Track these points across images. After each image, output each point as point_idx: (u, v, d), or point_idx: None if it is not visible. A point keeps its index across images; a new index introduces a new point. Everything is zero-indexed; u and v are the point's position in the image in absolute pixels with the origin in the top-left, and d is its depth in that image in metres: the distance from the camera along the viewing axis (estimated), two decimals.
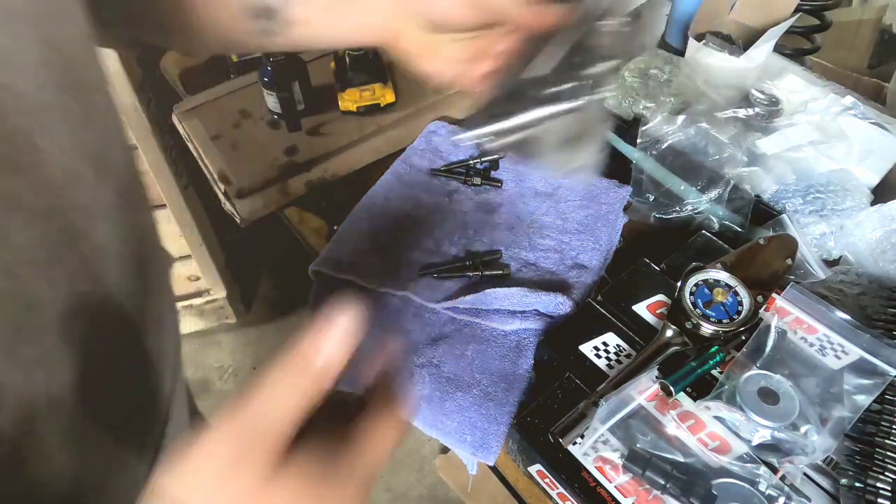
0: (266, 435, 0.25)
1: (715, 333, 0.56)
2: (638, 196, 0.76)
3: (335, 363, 0.27)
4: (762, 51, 0.86)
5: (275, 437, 0.25)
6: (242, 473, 0.25)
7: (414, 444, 1.56)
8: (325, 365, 0.27)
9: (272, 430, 0.25)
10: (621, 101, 0.86)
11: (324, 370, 0.27)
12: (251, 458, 0.25)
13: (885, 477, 0.48)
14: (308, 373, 0.26)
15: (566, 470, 0.51)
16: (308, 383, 0.26)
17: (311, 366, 0.26)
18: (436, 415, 0.59)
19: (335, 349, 0.27)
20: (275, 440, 0.25)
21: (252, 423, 0.25)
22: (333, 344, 0.27)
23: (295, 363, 0.26)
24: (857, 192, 0.71)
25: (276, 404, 0.26)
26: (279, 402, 0.26)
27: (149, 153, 1.24)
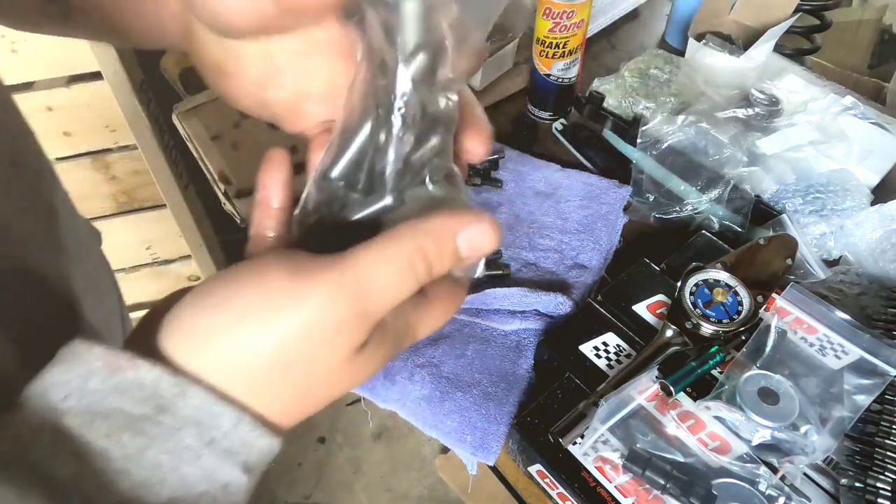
0: (375, 314, 0.24)
1: (715, 333, 0.56)
2: (638, 196, 0.76)
3: (473, 263, 0.26)
4: (762, 51, 0.86)
5: (380, 316, 0.24)
6: (339, 343, 0.23)
7: (414, 444, 1.56)
8: (465, 263, 0.26)
9: (381, 309, 0.24)
10: (621, 101, 0.86)
11: (451, 267, 0.25)
12: (352, 331, 0.23)
13: (885, 477, 0.48)
14: (440, 263, 0.25)
15: (566, 470, 0.51)
16: (431, 272, 0.25)
17: (446, 257, 0.25)
18: (436, 415, 0.59)
19: (480, 249, 0.26)
20: (378, 318, 0.24)
21: (364, 297, 0.23)
22: (483, 242, 0.26)
23: (433, 247, 0.25)
24: (857, 192, 0.72)
25: (393, 286, 0.24)
26: (396, 286, 0.24)
27: (149, 153, 1.24)
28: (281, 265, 0.23)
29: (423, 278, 0.24)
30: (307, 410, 0.25)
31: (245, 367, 0.22)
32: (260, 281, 0.23)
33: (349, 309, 0.23)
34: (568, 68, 0.83)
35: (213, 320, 0.23)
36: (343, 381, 0.25)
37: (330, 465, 1.54)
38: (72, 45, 1.04)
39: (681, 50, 0.94)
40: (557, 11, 0.77)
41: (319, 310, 0.22)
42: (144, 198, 1.34)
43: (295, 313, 0.22)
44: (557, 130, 0.87)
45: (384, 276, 0.23)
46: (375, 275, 0.23)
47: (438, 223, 0.25)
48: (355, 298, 0.23)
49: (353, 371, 0.25)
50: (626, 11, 1.05)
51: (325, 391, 0.25)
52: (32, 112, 1.10)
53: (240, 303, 0.23)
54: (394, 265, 0.24)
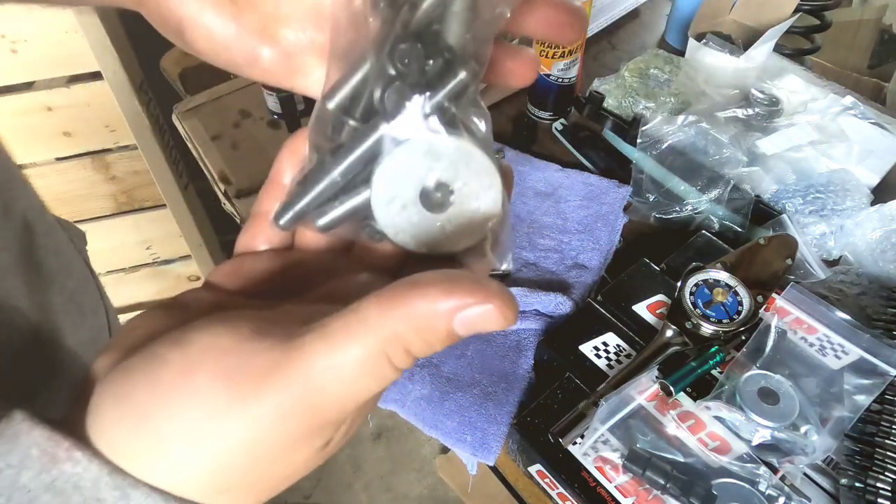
0: (338, 420, 0.20)
1: (715, 333, 0.56)
2: (638, 196, 0.76)
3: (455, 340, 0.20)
4: (762, 51, 0.86)
5: (345, 419, 0.20)
6: (295, 458, 0.20)
7: (414, 444, 1.56)
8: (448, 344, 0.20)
9: (345, 415, 0.20)
10: (621, 101, 0.86)
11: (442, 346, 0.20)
12: (310, 441, 0.20)
13: (885, 477, 0.48)
14: (426, 350, 0.19)
15: (566, 470, 0.51)
16: (414, 359, 0.20)
17: (434, 344, 0.19)
18: (436, 415, 0.59)
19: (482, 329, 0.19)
20: (344, 420, 0.20)
21: (321, 409, 0.19)
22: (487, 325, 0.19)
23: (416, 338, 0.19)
24: (857, 192, 0.72)
25: (360, 390, 0.19)
26: (364, 388, 0.19)
27: (149, 153, 1.24)
28: (213, 369, 0.19)
29: (405, 366, 0.20)
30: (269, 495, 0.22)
31: (184, 484, 0.19)
32: (190, 391, 0.19)
33: (303, 426, 0.19)
34: (568, 68, 0.83)
35: (140, 432, 0.19)
36: (303, 472, 0.21)
37: (330, 465, 1.54)
38: (72, 44, 1.04)
39: (681, 50, 0.94)
40: None
41: (268, 432, 0.19)
42: (144, 198, 1.34)
43: (237, 435, 0.19)
44: (557, 130, 0.87)
45: (347, 381, 0.19)
46: (335, 380, 0.18)
47: (424, 307, 0.18)
48: (310, 413, 0.19)
49: (315, 462, 0.21)
50: (626, 11, 1.05)
51: (286, 481, 0.21)
52: (32, 112, 1.10)
53: (169, 417, 0.19)
54: (360, 364, 0.18)
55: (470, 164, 0.23)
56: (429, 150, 0.22)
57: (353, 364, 0.18)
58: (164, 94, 1.21)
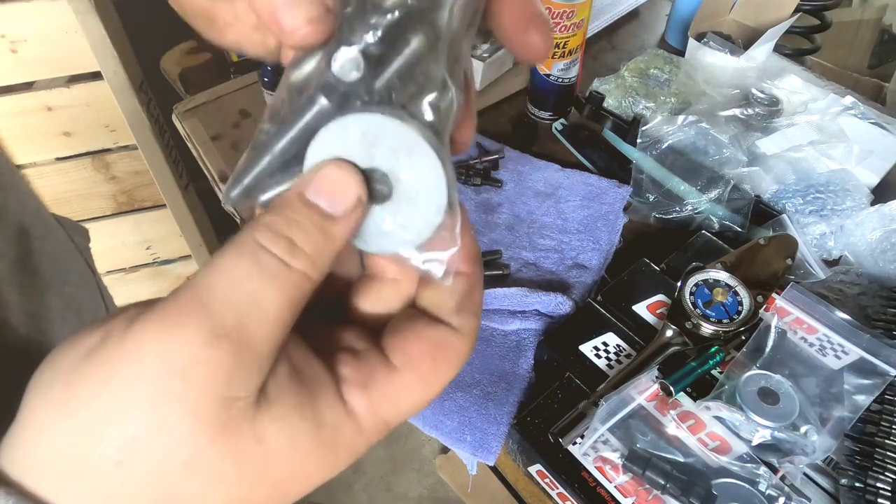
0: (236, 328, 0.17)
1: (715, 333, 0.56)
2: (638, 196, 0.76)
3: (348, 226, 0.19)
4: (762, 51, 0.86)
5: (252, 333, 0.17)
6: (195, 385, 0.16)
7: (414, 444, 1.56)
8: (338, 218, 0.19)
9: (240, 320, 0.17)
10: (621, 101, 0.86)
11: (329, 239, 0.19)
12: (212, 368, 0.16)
13: (885, 477, 0.48)
14: (299, 232, 0.19)
15: (566, 470, 0.51)
16: (298, 248, 0.18)
17: (301, 221, 0.19)
18: (436, 415, 0.59)
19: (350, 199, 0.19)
20: (245, 342, 0.17)
21: (211, 311, 0.17)
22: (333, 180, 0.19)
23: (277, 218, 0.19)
24: (857, 192, 0.71)
25: (243, 281, 0.17)
26: (245, 279, 0.17)
27: (149, 153, 1.24)
28: (122, 314, 0.18)
29: (289, 256, 0.18)
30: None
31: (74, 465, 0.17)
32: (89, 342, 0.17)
33: (193, 334, 0.16)
34: (568, 68, 0.83)
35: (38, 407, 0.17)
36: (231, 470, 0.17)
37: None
38: (72, 44, 1.04)
39: (681, 50, 0.94)
40: (557, 11, 0.77)
41: (154, 353, 0.16)
42: (144, 198, 1.34)
43: (122, 372, 0.16)
44: (557, 130, 0.87)
45: (228, 273, 0.17)
46: (215, 277, 0.17)
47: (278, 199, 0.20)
48: (197, 315, 0.17)
49: (242, 450, 0.17)
50: (626, 11, 1.05)
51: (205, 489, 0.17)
52: (32, 112, 1.10)
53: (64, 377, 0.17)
54: (235, 255, 0.18)
55: (413, 154, 0.19)
56: (366, 132, 0.19)
57: (228, 257, 0.18)
58: (164, 94, 1.21)
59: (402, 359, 0.20)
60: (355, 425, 0.20)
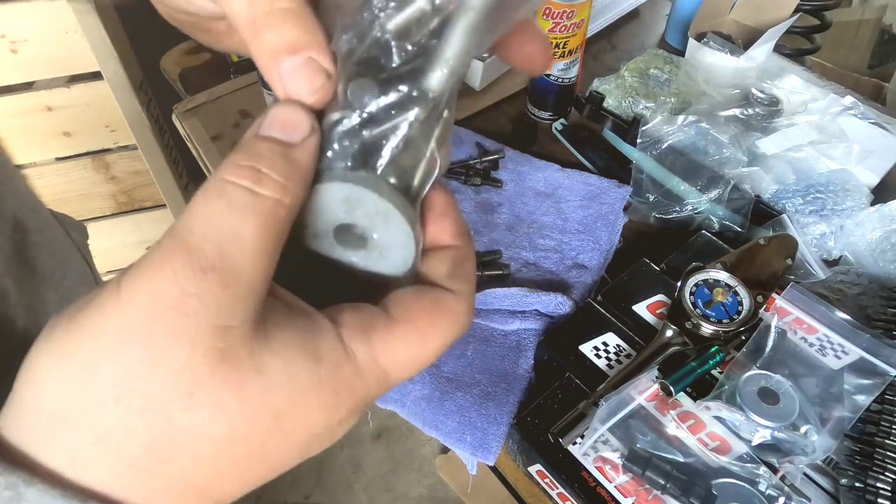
0: (218, 260, 0.17)
1: (715, 333, 0.56)
2: (638, 196, 0.76)
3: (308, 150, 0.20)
4: (762, 51, 0.86)
5: (230, 269, 0.17)
6: (189, 316, 0.17)
7: (414, 444, 1.56)
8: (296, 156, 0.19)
9: (222, 249, 0.17)
10: (621, 101, 0.86)
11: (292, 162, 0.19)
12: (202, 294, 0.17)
13: (885, 477, 0.48)
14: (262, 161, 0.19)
15: (566, 470, 0.51)
16: (265, 179, 0.19)
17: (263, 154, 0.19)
18: (436, 415, 0.59)
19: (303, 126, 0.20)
20: (231, 273, 0.17)
21: (193, 246, 0.17)
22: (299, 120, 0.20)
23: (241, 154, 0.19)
24: (857, 192, 0.72)
25: (219, 214, 0.18)
26: (222, 213, 0.18)
27: (149, 153, 1.24)
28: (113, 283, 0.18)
29: (256, 185, 0.18)
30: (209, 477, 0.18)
31: (72, 406, 0.17)
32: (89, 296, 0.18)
33: (180, 269, 0.17)
34: (568, 68, 0.83)
35: (34, 358, 0.17)
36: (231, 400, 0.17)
37: (330, 465, 1.54)
38: (72, 44, 1.04)
39: (681, 50, 0.94)
40: (557, 11, 0.77)
41: (146, 291, 0.17)
42: (144, 198, 1.34)
43: (118, 309, 0.17)
44: (557, 130, 0.87)
45: (202, 212, 0.18)
46: (192, 218, 0.18)
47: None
48: (182, 253, 0.17)
49: (241, 380, 0.18)
50: (626, 11, 1.05)
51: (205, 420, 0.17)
52: (32, 112, 1.10)
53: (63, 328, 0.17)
54: (205, 195, 0.18)
55: (389, 221, 0.21)
56: (348, 197, 0.21)
57: (199, 199, 0.18)
58: (164, 94, 1.21)
59: (401, 312, 0.21)
60: (354, 367, 0.20)
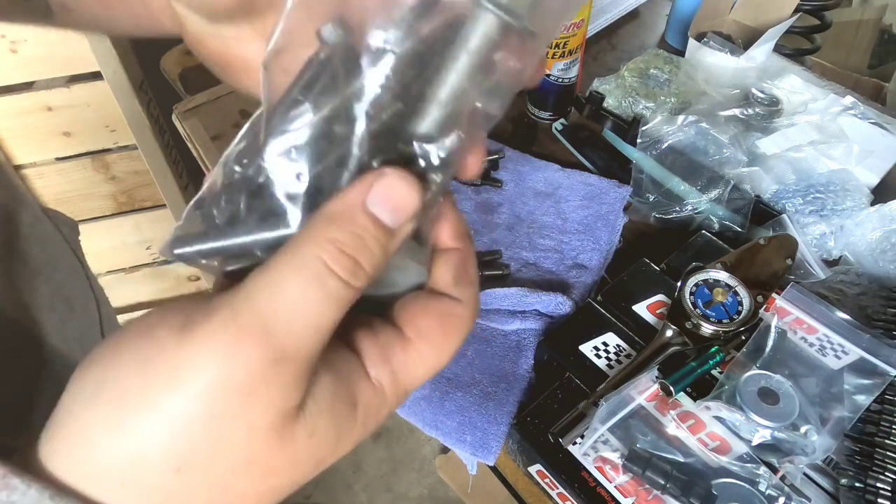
0: (297, 352, 0.18)
1: (715, 333, 0.56)
2: (638, 196, 0.76)
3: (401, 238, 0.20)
4: (762, 51, 0.86)
5: (308, 354, 0.18)
6: (256, 409, 0.17)
7: (414, 444, 1.56)
8: (400, 232, 0.20)
9: (303, 344, 0.18)
10: (621, 101, 0.86)
11: (386, 255, 0.19)
12: (270, 387, 0.17)
13: (885, 477, 0.48)
14: (364, 250, 0.19)
15: (566, 470, 0.51)
16: (361, 267, 0.19)
17: (367, 238, 0.19)
18: (436, 415, 0.59)
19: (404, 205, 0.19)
20: (307, 358, 0.18)
21: (273, 334, 0.17)
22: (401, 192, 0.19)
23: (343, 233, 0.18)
24: (857, 192, 0.71)
25: (310, 305, 0.18)
26: (313, 303, 0.18)
27: (149, 153, 1.24)
28: (170, 324, 0.18)
29: (353, 278, 0.19)
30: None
31: (132, 473, 0.17)
32: (137, 350, 0.18)
33: (256, 357, 0.17)
34: (568, 68, 0.83)
35: (88, 416, 0.17)
36: (279, 462, 0.19)
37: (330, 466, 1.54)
38: (72, 44, 1.04)
39: (681, 50, 0.94)
40: None
41: (215, 371, 0.17)
42: (144, 198, 1.34)
43: (182, 386, 0.17)
44: (557, 130, 0.87)
45: (293, 297, 0.18)
46: (280, 300, 0.17)
47: (336, 202, 0.19)
48: (261, 339, 0.17)
49: (295, 448, 0.19)
50: (626, 11, 1.05)
51: (254, 482, 0.18)
52: (32, 112, 1.10)
53: (115, 386, 0.17)
54: (301, 277, 0.18)
55: (405, 264, 0.22)
56: None
57: (293, 277, 0.18)
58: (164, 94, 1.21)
59: (414, 331, 0.22)
60: (383, 398, 0.21)
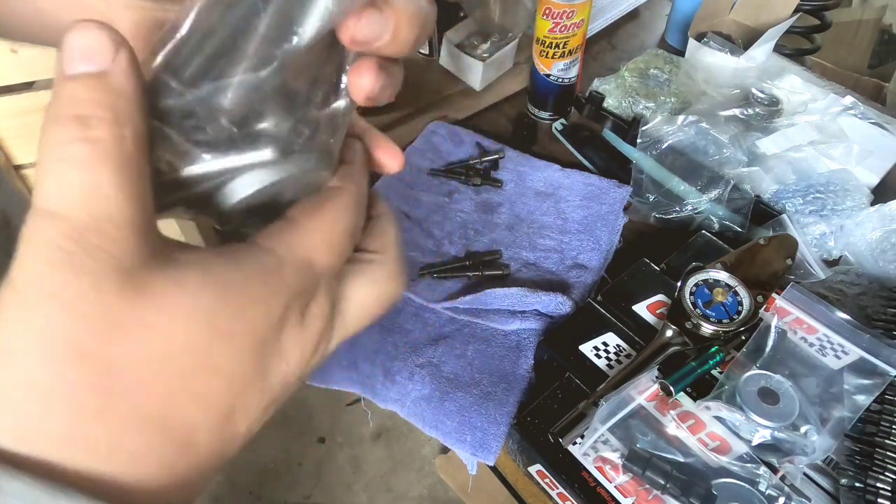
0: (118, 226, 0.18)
1: (715, 333, 0.56)
2: (638, 196, 0.76)
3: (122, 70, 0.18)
4: (762, 51, 0.86)
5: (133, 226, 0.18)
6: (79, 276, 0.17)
7: (414, 444, 1.56)
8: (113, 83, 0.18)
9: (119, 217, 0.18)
10: (621, 101, 0.86)
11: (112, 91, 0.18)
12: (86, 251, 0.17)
13: (885, 477, 0.48)
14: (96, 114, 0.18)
15: (566, 470, 0.51)
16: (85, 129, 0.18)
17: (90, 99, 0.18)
18: (436, 415, 0.59)
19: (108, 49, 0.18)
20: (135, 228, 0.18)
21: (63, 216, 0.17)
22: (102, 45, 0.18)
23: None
24: (857, 192, 0.72)
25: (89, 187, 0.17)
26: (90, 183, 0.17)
27: None
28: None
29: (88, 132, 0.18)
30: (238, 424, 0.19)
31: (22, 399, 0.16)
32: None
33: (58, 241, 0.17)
34: (568, 68, 0.83)
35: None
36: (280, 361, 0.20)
37: (330, 465, 1.54)
38: None
39: (681, 50, 0.94)
40: (557, 11, 0.77)
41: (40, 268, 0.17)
42: None
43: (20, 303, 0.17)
44: (557, 130, 0.87)
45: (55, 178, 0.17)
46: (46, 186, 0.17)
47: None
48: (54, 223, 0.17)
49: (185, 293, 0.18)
50: (626, 11, 1.05)
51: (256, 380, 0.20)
52: (32, 112, 1.09)
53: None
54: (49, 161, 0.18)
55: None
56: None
57: (42, 166, 0.17)
58: None
59: (297, 211, 0.23)
60: (275, 258, 0.21)
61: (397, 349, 0.64)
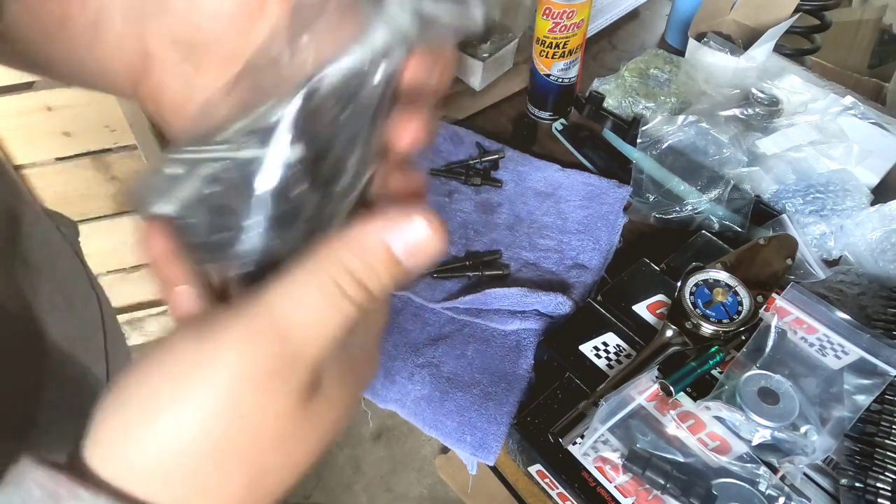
0: (309, 355, 0.20)
1: (715, 333, 0.56)
2: (638, 196, 0.76)
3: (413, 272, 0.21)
4: (762, 51, 0.86)
5: (317, 356, 0.20)
6: (276, 396, 0.19)
7: (414, 444, 1.56)
8: (411, 269, 0.21)
9: (314, 348, 0.20)
10: (621, 101, 0.86)
11: (396, 281, 0.21)
12: (287, 377, 0.19)
13: (885, 477, 0.48)
14: (374, 278, 0.20)
15: (566, 470, 0.51)
16: (369, 291, 0.20)
17: (380, 269, 0.20)
18: (436, 415, 0.59)
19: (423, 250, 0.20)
20: (317, 358, 0.20)
21: (287, 338, 0.19)
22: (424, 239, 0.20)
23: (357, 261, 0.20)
24: (857, 192, 0.71)
25: (320, 318, 0.20)
26: (323, 317, 0.20)
27: (149, 153, 1.24)
28: (187, 332, 0.20)
29: (361, 299, 0.20)
30: (279, 484, 0.21)
31: (172, 464, 0.19)
32: (164, 358, 0.20)
33: (272, 356, 0.19)
34: (568, 68, 0.83)
35: (124, 418, 0.19)
36: (306, 434, 0.21)
37: (330, 465, 1.54)
38: None
39: (681, 50, 0.94)
40: (557, 11, 0.77)
41: (236, 367, 0.19)
42: None
43: (206, 383, 0.19)
44: (557, 130, 0.87)
45: (305, 309, 0.20)
46: (294, 310, 0.20)
47: (358, 230, 0.20)
48: (276, 342, 0.19)
49: (314, 420, 0.21)
50: (626, 11, 1.05)
51: (287, 456, 0.21)
52: (32, 112, 1.10)
53: (145, 393, 0.19)
54: (314, 292, 0.20)
55: None
56: None
57: (310, 294, 0.20)
58: None
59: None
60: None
61: (397, 349, 0.64)
